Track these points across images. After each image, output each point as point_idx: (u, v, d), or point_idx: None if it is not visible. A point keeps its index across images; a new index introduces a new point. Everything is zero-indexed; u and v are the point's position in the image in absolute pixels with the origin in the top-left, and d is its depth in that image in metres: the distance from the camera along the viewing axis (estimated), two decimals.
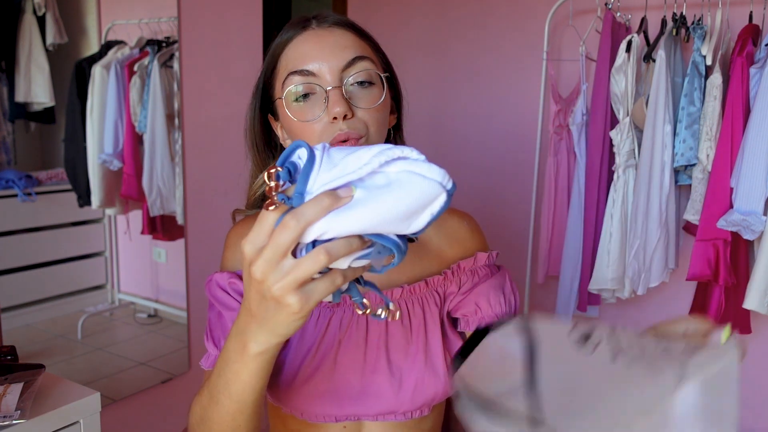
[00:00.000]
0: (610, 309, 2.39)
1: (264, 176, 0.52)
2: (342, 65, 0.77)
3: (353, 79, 0.77)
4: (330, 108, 0.75)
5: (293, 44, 0.79)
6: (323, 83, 0.77)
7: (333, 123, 0.76)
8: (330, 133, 0.76)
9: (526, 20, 2.40)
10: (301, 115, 0.78)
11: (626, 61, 1.94)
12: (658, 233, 1.95)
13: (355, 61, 0.77)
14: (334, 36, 0.78)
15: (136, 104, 1.84)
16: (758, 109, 1.74)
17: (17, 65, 1.61)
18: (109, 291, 1.91)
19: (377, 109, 0.79)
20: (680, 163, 1.91)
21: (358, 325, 0.85)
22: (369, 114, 0.78)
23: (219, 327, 0.85)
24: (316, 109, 0.77)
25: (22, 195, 1.63)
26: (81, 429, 1.12)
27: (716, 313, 1.90)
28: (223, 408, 0.70)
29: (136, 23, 1.82)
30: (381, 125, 0.80)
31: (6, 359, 1.20)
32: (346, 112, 0.75)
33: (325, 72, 0.77)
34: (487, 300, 0.88)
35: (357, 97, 0.78)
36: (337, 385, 0.83)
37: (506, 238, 2.53)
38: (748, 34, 1.82)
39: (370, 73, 0.78)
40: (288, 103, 0.78)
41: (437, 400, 0.87)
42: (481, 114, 2.55)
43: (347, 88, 0.77)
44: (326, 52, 0.77)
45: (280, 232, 0.51)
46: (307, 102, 0.78)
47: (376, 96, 0.79)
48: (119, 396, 1.83)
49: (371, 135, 0.78)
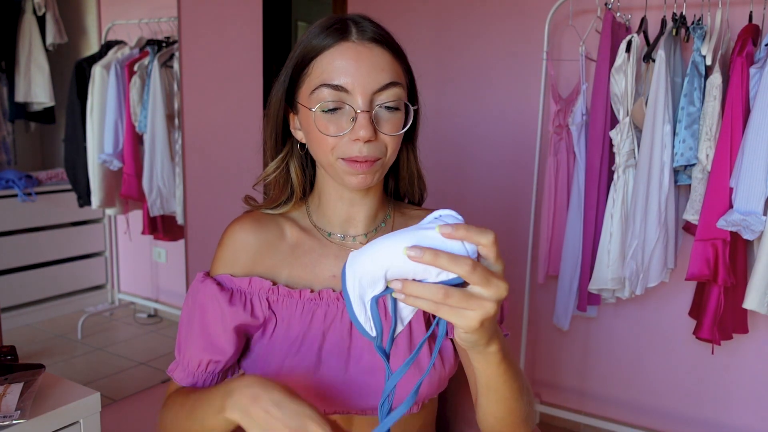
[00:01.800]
0: (609, 308, 2.39)
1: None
2: (375, 88, 0.78)
3: (382, 103, 0.79)
4: (356, 129, 0.77)
5: (330, 53, 0.79)
6: (354, 103, 0.78)
7: (354, 142, 0.78)
8: (348, 151, 0.79)
9: (526, 20, 2.40)
10: (325, 128, 0.79)
11: (626, 61, 1.94)
12: (657, 233, 1.95)
13: (389, 86, 0.79)
14: (372, 55, 0.79)
15: (136, 104, 1.84)
16: (758, 109, 1.74)
17: (17, 65, 1.61)
18: (109, 291, 1.91)
19: (398, 135, 0.81)
20: (680, 163, 1.91)
21: (342, 320, 0.86)
22: (390, 138, 0.80)
23: (184, 335, 0.89)
24: (341, 124, 0.79)
25: (22, 195, 1.63)
26: (81, 429, 1.12)
27: (715, 313, 1.90)
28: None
29: (136, 23, 1.82)
30: (397, 145, 0.83)
31: (6, 359, 1.20)
32: (371, 137, 0.77)
33: (357, 92, 0.77)
34: None
35: (382, 120, 0.80)
36: (322, 378, 0.84)
37: (506, 237, 2.53)
38: (748, 34, 1.82)
39: (399, 102, 0.80)
40: (315, 113, 0.80)
41: (426, 397, 0.88)
42: (480, 114, 2.55)
43: (374, 110, 0.79)
44: (362, 72, 0.78)
45: None
46: (334, 115, 0.79)
47: (399, 122, 0.81)
48: (119, 396, 1.84)
49: (388, 157, 0.82)
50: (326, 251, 0.90)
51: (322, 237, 0.91)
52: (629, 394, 2.42)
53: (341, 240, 0.91)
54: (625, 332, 2.39)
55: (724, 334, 1.94)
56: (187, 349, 0.88)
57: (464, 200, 2.61)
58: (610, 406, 2.45)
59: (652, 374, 2.36)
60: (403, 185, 0.96)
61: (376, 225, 0.93)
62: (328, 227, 0.91)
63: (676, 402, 2.34)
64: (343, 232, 0.91)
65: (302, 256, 0.89)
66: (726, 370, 2.24)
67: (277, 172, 0.90)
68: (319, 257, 0.90)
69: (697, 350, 2.25)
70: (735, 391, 2.23)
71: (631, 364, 2.40)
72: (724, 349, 2.10)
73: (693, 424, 2.32)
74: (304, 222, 0.92)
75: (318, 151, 0.82)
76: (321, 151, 0.81)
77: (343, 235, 0.91)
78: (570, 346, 2.50)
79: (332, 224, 0.91)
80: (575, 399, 2.52)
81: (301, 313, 0.86)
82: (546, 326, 2.51)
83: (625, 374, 2.41)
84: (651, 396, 2.38)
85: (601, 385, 2.46)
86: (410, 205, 0.98)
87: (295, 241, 0.90)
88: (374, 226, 0.92)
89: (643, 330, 2.36)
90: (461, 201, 2.61)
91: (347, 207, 0.90)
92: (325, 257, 0.90)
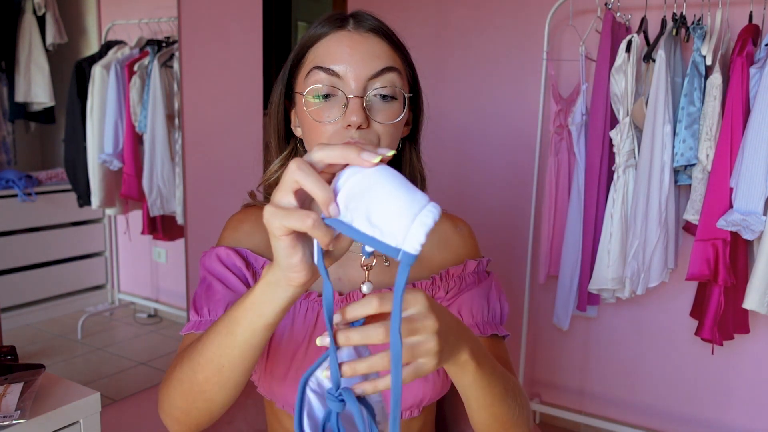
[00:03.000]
0: (609, 308, 2.39)
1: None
2: (369, 74, 0.76)
3: (377, 91, 0.77)
4: (347, 115, 0.75)
5: (325, 41, 0.79)
6: (346, 88, 0.76)
7: (347, 129, 0.76)
8: (341, 137, 0.76)
9: (526, 20, 2.40)
10: (318, 115, 0.78)
11: (626, 61, 1.94)
12: (657, 233, 1.95)
13: (383, 71, 0.77)
14: (368, 43, 0.78)
15: (136, 104, 1.84)
16: (758, 109, 1.74)
17: (17, 65, 1.61)
18: (109, 291, 1.91)
19: (393, 125, 0.79)
20: (680, 163, 1.91)
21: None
22: (384, 128, 0.78)
23: (204, 298, 0.84)
24: (333, 112, 0.77)
25: (22, 195, 1.63)
26: (81, 429, 1.12)
27: (716, 313, 1.90)
28: (210, 353, 0.67)
29: (136, 23, 1.82)
30: (393, 139, 0.80)
31: (6, 359, 1.20)
32: (362, 123, 0.75)
33: (350, 77, 0.76)
34: (469, 309, 0.87)
35: (376, 109, 0.78)
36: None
37: (506, 238, 2.53)
38: (748, 34, 1.82)
39: (394, 89, 0.78)
40: (307, 99, 0.78)
41: (426, 401, 0.87)
42: (481, 114, 2.55)
43: (368, 98, 0.77)
44: (356, 58, 0.76)
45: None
46: (327, 102, 0.77)
47: (395, 112, 0.79)
48: (119, 396, 1.83)
49: (381, 147, 0.79)
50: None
51: None
52: (629, 394, 2.42)
53: None
54: (625, 332, 2.39)
55: (724, 334, 1.94)
56: (209, 299, 0.83)
57: (464, 200, 2.61)
58: (610, 406, 2.45)
59: (652, 374, 2.36)
60: None
61: None
62: None
63: (676, 402, 2.34)
64: None
65: None
66: (726, 370, 2.23)
67: (280, 171, 0.88)
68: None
69: (697, 350, 2.25)
70: (735, 391, 2.23)
71: (631, 364, 2.40)
72: (724, 349, 2.10)
73: (693, 424, 2.32)
74: None
75: (312, 142, 0.80)
76: (315, 141, 0.79)
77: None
78: (570, 346, 2.50)
79: None
80: (575, 399, 2.52)
81: (305, 316, 0.86)
82: (546, 326, 2.51)
83: (625, 374, 2.41)
84: (651, 396, 2.38)
85: (601, 385, 2.46)
86: None
87: None
88: None
89: (643, 330, 2.36)
90: (461, 201, 2.61)
91: None
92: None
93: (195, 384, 0.69)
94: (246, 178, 0.96)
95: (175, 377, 0.73)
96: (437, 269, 0.92)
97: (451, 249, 0.93)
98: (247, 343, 0.64)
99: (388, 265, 0.90)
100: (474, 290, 0.89)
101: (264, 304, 0.61)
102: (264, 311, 0.62)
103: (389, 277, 0.89)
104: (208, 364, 0.67)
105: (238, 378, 0.68)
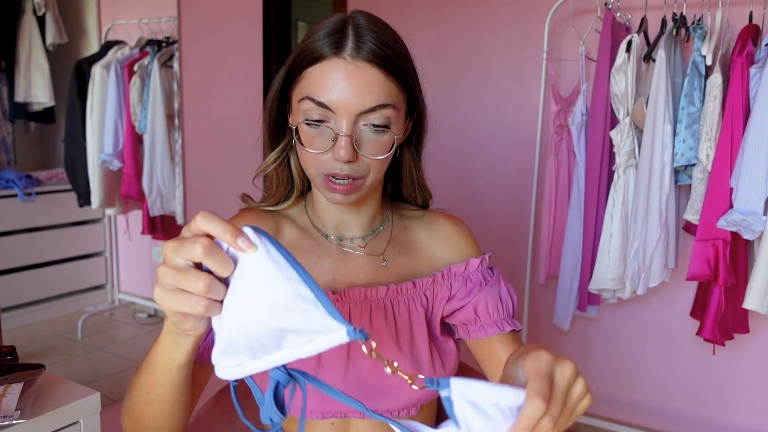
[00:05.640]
0: (610, 309, 2.39)
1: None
2: (361, 110, 0.76)
3: (368, 122, 0.77)
4: (335, 150, 0.77)
5: (320, 67, 0.77)
6: (336, 125, 0.77)
7: (336, 160, 0.77)
8: (329, 167, 0.78)
9: (526, 20, 2.40)
10: (308, 142, 0.79)
11: (626, 61, 1.94)
12: (658, 233, 1.95)
13: (376, 108, 0.76)
14: (363, 75, 0.76)
15: (136, 104, 1.84)
16: (758, 109, 1.74)
17: (17, 65, 1.61)
18: (109, 291, 1.91)
19: (383, 158, 0.80)
20: (680, 163, 1.91)
21: None
22: (373, 161, 0.79)
23: None
24: (323, 141, 0.78)
25: (22, 195, 1.63)
26: (81, 429, 1.12)
27: (716, 313, 1.90)
28: (142, 384, 0.71)
29: (136, 23, 1.82)
30: (381, 168, 0.82)
31: (6, 359, 1.20)
32: (350, 158, 0.76)
33: (342, 113, 0.76)
34: (485, 307, 0.89)
35: (366, 141, 0.78)
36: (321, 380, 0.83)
37: (507, 238, 2.53)
38: (748, 34, 1.81)
39: (387, 119, 0.78)
40: (301, 125, 0.79)
41: (423, 401, 0.87)
42: (481, 114, 2.55)
43: (359, 129, 0.77)
44: (349, 93, 0.75)
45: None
46: (318, 129, 0.78)
47: (385, 144, 0.79)
48: (119, 396, 1.83)
49: (370, 177, 0.81)
50: (325, 252, 0.89)
51: (321, 237, 0.90)
52: (629, 394, 2.42)
53: (338, 242, 0.90)
54: (625, 332, 2.39)
55: (725, 334, 1.94)
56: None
57: (465, 200, 2.61)
58: (610, 406, 2.45)
59: (652, 374, 2.36)
60: (406, 189, 0.94)
61: (374, 228, 0.92)
62: (325, 229, 0.91)
63: (676, 402, 2.34)
64: (339, 235, 0.90)
65: (300, 256, 0.88)
66: (726, 370, 2.23)
67: (276, 163, 0.88)
68: (317, 258, 0.88)
69: (697, 350, 2.25)
70: (735, 391, 2.23)
71: (631, 364, 2.40)
72: (725, 349, 2.10)
73: (693, 424, 2.31)
74: (302, 220, 0.91)
75: (303, 162, 0.83)
76: (305, 163, 0.82)
77: (339, 238, 0.90)
78: (570, 346, 2.50)
79: (327, 227, 0.91)
80: None
81: None
82: (546, 326, 2.51)
83: (625, 374, 2.41)
84: (651, 396, 2.38)
85: (601, 385, 2.46)
86: (409, 206, 0.97)
87: (293, 240, 0.89)
88: (371, 229, 0.92)
89: (643, 330, 2.35)
90: (462, 201, 2.61)
91: (340, 213, 0.90)
92: (324, 258, 0.89)
93: (136, 414, 0.75)
94: (246, 178, 0.96)
95: (124, 403, 0.79)
96: (438, 266, 0.92)
97: (453, 247, 0.94)
98: (167, 382, 0.68)
99: (386, 265, 0.90)
100: (486, 289, 0.90)
101: (172, 350, 0.64)
102: (174, 355, 0.64)
103: (386, 275, 0.89)
104: (140, 398, 0.72)
105: (171, 408, 0.72)
